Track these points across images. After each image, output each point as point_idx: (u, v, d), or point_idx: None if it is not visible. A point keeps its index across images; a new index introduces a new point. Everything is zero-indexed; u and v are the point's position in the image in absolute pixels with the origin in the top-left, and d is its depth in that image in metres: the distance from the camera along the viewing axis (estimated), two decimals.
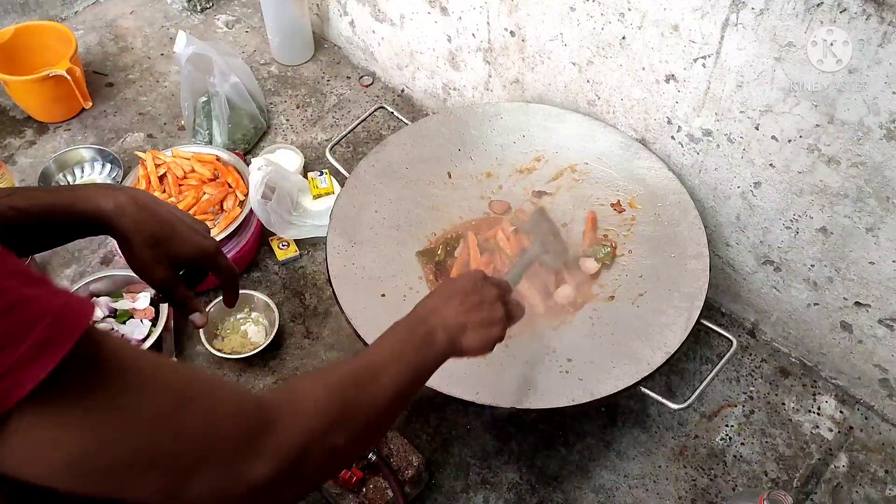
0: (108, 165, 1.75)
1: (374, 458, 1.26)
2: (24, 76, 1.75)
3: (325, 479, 0.72)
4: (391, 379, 0.79)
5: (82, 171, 1.76)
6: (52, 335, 0.50)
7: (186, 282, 1.01)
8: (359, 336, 1.24)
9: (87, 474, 0.55)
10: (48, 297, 0.52)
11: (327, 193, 1.66)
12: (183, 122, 1.86)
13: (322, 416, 0.69)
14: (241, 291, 1.49)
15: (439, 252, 1.41)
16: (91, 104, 1.87)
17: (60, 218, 0.89)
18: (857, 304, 1.35)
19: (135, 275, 1.00)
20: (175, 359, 1.41)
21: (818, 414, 1.45)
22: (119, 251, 1.26)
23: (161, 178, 1.59)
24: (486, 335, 0.93)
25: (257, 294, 1.51)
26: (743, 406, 1.46)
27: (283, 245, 1.63)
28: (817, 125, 1.18)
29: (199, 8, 2.17)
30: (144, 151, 1.65)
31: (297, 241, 1.64)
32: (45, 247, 0.95)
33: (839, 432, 1.43)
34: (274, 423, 0.64)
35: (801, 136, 1.22)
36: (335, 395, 0.72)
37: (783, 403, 1.46)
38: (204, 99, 1.77)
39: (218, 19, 2.15)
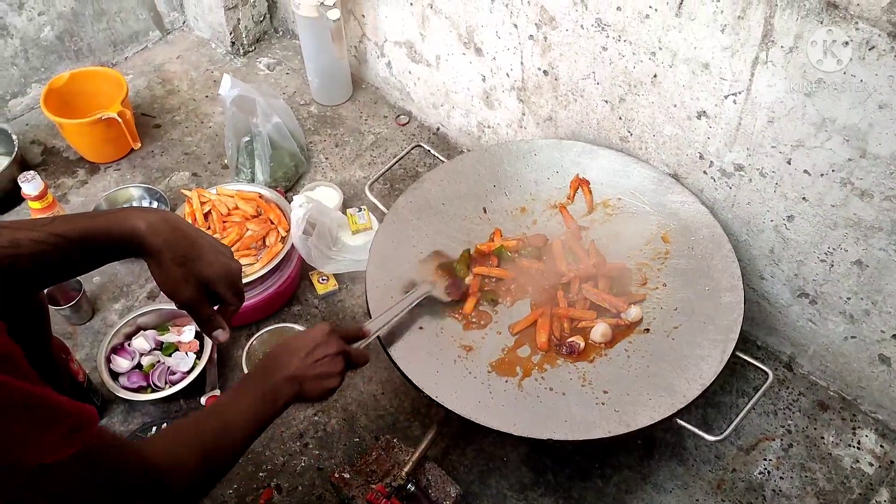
0: (156, 203, 1.82)
1: (412, 488, 1.28)
2: (78, 119, 1.84)
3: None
4: (243, 432, 0.98)
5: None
6: (76, 426, 0.71)
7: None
8: (397, 367, 1.27)
9: None
10: (60, 398, 0.71)
11: (365, 229, 1.71)
12: (226, 161, 1.92)
13: (194, 474, 0.90)
14: (282, 325, 1.55)
15: (458, 266, 1.45)
16: (140, 145, 1.94)
17: (98, 241, 0.95)
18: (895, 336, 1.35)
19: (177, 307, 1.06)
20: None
21: (858, 448, 1.44)
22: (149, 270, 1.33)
23: (206, 215, 1.65)
24: (322, 386, 1.08)
25: (298, 327, 1.55)
26: (781, 440, 1.45)
27: (322, 279, 1.67)
28: (849, 159, 1.20)
29: (241, 51, 2.25)
30: (190, 190, 1.71)
31: (337, 276, 1.68)
32: (82, 270, 1.02)
33: (880, 467, 1.41)
34: (162, 482, 0.86)
35: (833, 170, 1.23)
36: (204, 457, 0.91)
37: (822, 437, 1.46)
38: (247, 139, 1.84)
39: (260, 62, 2.23)
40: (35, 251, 0.91)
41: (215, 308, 1.09)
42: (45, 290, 1.26)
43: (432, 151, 1.71)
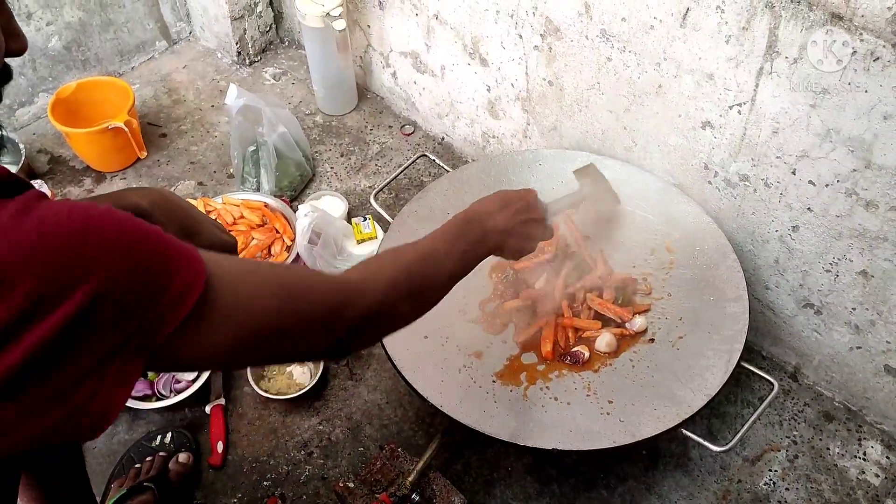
0: None
1: (417, 498, 1.28)
2: (85, 128, 1.85)
3: (393, 331, 0.92)
4: (449, 266, 0.95)
5: None
6: (186, 285, 0.64)
7: None
8: (402, 376, 1.27)
9: (238, 358, 0.76)
10: (178, 253, 0.66)
11: (370, 238, 1.71)
12: (232, 171, 1.93)
13: (394, 289, 0.86)
14: None
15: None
16: (146, 154, 1.95)
17: None
18: None
19: None
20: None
21: (864, 459, 1.44)
22: None
23: None
24: (523, 246, 1.09)
25: None
26: (787, 450, 1.45)
27: None
28: (854, 170, 1.20)
29: (247, 61, 2.26)
30: (195, 198, 1.72)
31: None
32: None
33: (886, 478, 1.41)
34: (355, 296, 0.82)
35: (838, 181, 1.23)
36: (404, 275, 0.89)
37: (828, 448, 1.45)
38: (252, 148, 1.84)
39: (266, 72, 2.24)
40: None
41: None
42: None
43: (437, 161, 1.71)
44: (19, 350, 0.55)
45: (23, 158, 1.85)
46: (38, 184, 1.65)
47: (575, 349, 1.35)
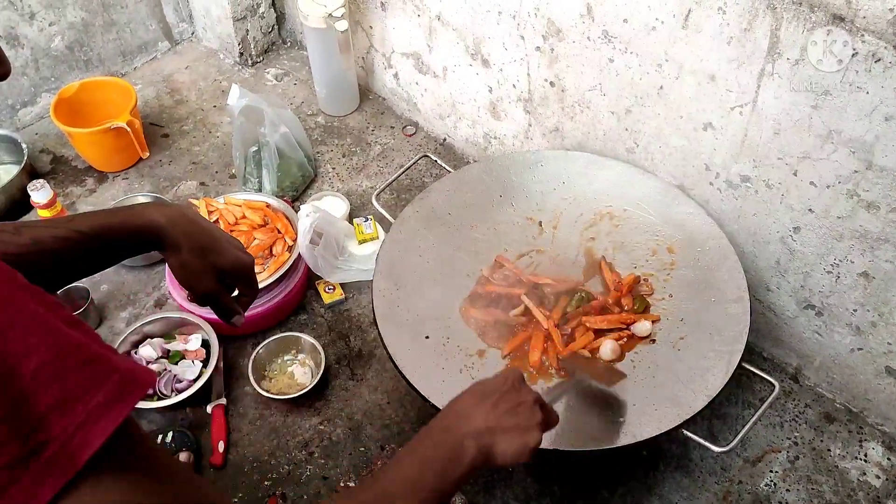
0: None
1: None
2: (87, 128, 1.85)
3: None
4: (414, 500, 0.77)
5: None
6: (120, 393, 0.54)
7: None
8: (403, 376, 1.27)
9: None
10: (117, 358, 0.57)
11: (372, 239, 1.71)
12: (234, 171, 1.93)
13: None
14: (288, 334, 1.56)
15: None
16: (148, 154, 1.96)
17: (118, 235, 0.97)
18: None
19: (186, 316, 1.05)
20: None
21: (865, 461, 1.44)
22: (167, 264, 1.34)
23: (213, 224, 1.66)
24: (522, 443, 0.86)
25: (304, 336, 1.56)
26: (787, 452, 1.45)
27: (329, 289, 1.68)
28: (856, 171, 1.20)
29: (250, 62, 2.27)
30: (197, 199, 1.73)
31: (343, 285, 1.69)
32: (101, 266, 1.03)
33: (887, 479, 1.41)
34: None
35: (839, 182, 1.24)
36: None
37: (829, 450, 1.45)
38: (254, 148, 1.85)
39: (268, 73, 2.25)
40: (57, 248, 0.92)
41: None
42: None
43: (439, 162, 1.71)
44: None
45: (25, 158, 1.85)
46: (40, 183, 1.65)
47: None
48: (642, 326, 1.37)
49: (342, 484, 1.31)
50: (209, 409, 1.49)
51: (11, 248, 0.89)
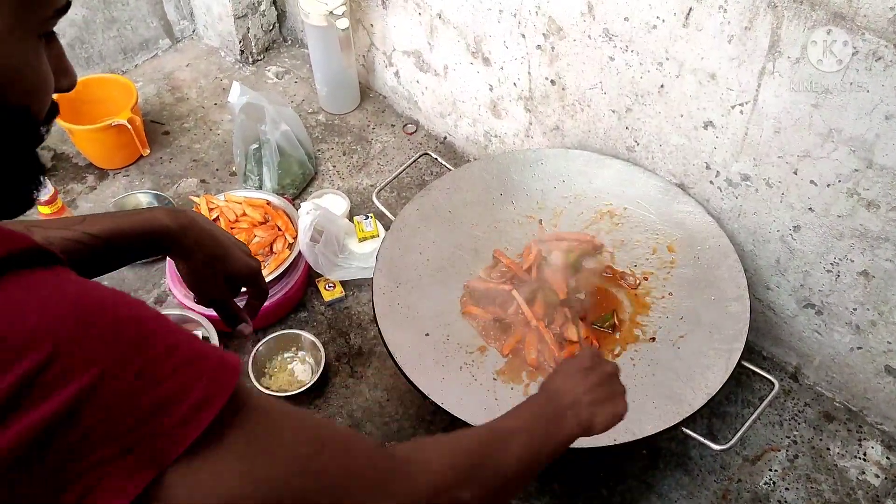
0: None
1: None
2: (88, 126, 1.85)
3: None
4: (518, 448, 0.81)
5: None
6: (208, 395, 0.55)
7: None
8: (403, 374, 1.27)
9: None
10: (205, 353, 0.57)
11: (372, 236, 1.71)
12: (234, 169, 1.93)
13: (449, 471, 0.72)
14: (288, 331, 1.56)
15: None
16: (149, 151, 1.96)
17: (129, 239, 0.97)
18: None
19: (186, 313, 1.04)
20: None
21: (864, 460, 1.44)
22: (176, 269, 1.33)
23: (214, 221, 1.65)
24: (613, 410, 0.94)
25: (304, 334, 1.56)
26: (787, 450, 1.45)
27: (329, 286, 1.68)
28: (856, 170, 1.20)
29: (250, 60, 2.27)
30: (198, 196, 1.73)
31: (343, 283, 1.69)
32: (110, 269, 1.03)
33: (886, 479, 1.41)
34: (404, 472, 0.68)
35: (839, 181, 1.24)
36: (464, 454, 0.75)
37: (828, 448, 1.45)
38: (255, 146, 1.85)
39: (268, 70, 2.25)
40: (67, 250, 0.92)
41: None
42: None
43: (439, 160, 1.71)
44: (14, 429, 0.48)
45: None
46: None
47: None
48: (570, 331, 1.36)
49: None
50: None
51: None
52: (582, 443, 1.19)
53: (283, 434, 0.61)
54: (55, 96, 0.65)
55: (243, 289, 1.14)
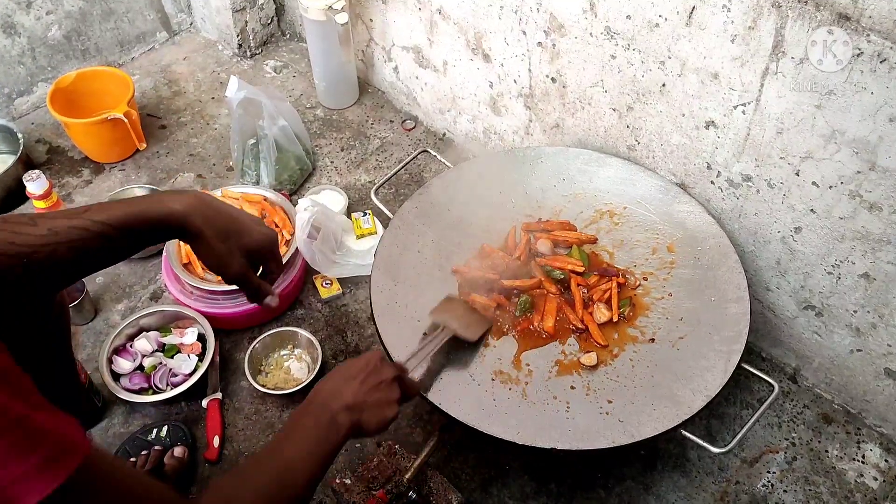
0: None
1: (414, 495, 1.27)
2: (84, 119, 1.84)
3: None
4: (306, 472, 0.91)
5: None
6: (56, 454, 0.58)
7: None
8: None
9: None
10: (53, 419, 0.60)
11: (370, 233, 1.70)
12: (231, 163, 1.92)
13: None
14: (285, 328, 1.55)
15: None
16: (145, 145, 1.94)
17: (137, 226, 0.95)
18: None
19: (182, 310, 1.02)
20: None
21: (862, 462, 1.43)
22: (171, 264, 1.30)
23: None
24: (382, 416, 1.01)
25: (301, 331, 1.55)
26: (785, 452, 1.44)
27: (326, 283, 1.67)
28: (858, 172, 1.19)
29: (248, 54, 2.25)
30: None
31: (340, 280, 1.68)
32: (119, 257, 1.01)
33: (884, 481, 1.40)
34: None
35: (842, 183, 1.23)
36: (263, 499, 0.84)
37: (826, 451, 1.45)
38: (252, 141, 1.83)
39: (266, 65, 2.23)
40: (74, 238, 0.90)
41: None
42: None
43: (438, 157, 1.70)
44: None
45: (20, 148, 1.84)
46: (36, 174, 1.63)
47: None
48: (588, 357, 1.34)
49: (337, 481, 1.30)
50: (205, 403, 1.48)
51: (29, 238, 0.88)
52: (580, 445, 1.19)
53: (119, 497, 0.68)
54: None
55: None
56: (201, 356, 1.51)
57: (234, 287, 1.09)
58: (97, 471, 0.63)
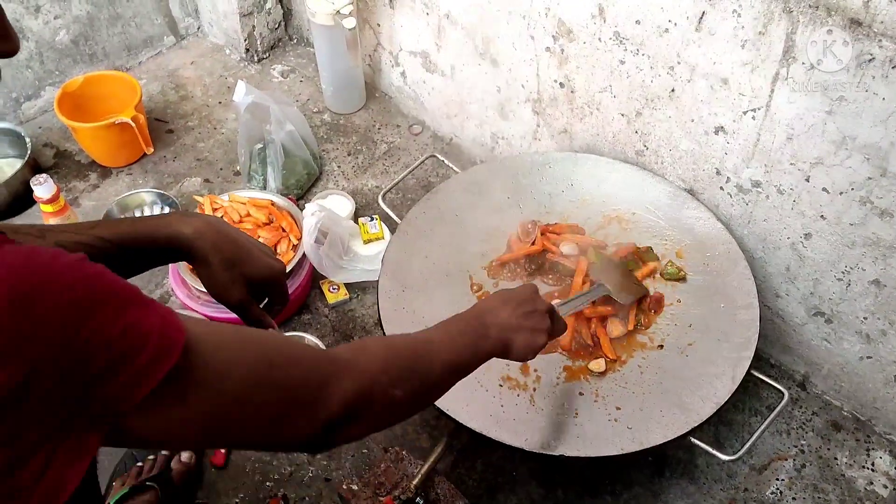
0: (167, 209, 1.81)
1: (421, 502, 1.27)
2: (92, 123, 1.84)
3: (388, 424, 0.85)
4: (445, 356, 0.89)
5: (142, 214, 1.82)
6: (157, 355, 0.58)
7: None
8: None
9: (211, 436, 0.68)
10: (152, 312, 0.59)
11: (377, 238, 1.70)
12: (238, 168, 1.92)
13: (384, 371, 0.79)
14: (292, 333, 1.54)
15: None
16: (152, 150, 1.94)
17: (143, 245, 0.94)
18: None
19: (190, 313, 1.01)
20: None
21: (872, 470, 1.42)
22: (179, 271, 1.29)
23: None
24: (532, 340, 1.00)
25: (308, 336, 1.54)
26: (794, 459, 1.43)
27: (333, 288, 1.66)
28: (869, 178, 1.19)
29: (256, 58, 2.26)
30: (202, 196, 1.71)
31: (347, 285, 1.67)
32: (127, 275, 0.99)
33: (894, 489, 1.40)
34: (343, 372, 0.75)
35: (852, 189, 1.22)
36: (397, 356, 0.83)
37: (836, 458, 1.44)
38: (260, 146, 1.83)
39: (274, 69, 2.23)
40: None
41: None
42: None
43: (446, 162, 1.70)
44: None
45: (28, 152, 1.84)
46: (43, 178, 1.63)
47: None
48: (596, 363, 1.34)
49: (344, 486, 1.30)
50: None
51: None
52: (588, 452, 1.19)
53: (232, 361, 0.67)
54: None
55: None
56: None
57: None
58: (199, 345, 0.63)
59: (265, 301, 1.09)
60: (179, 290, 1.58)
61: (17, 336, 0.51)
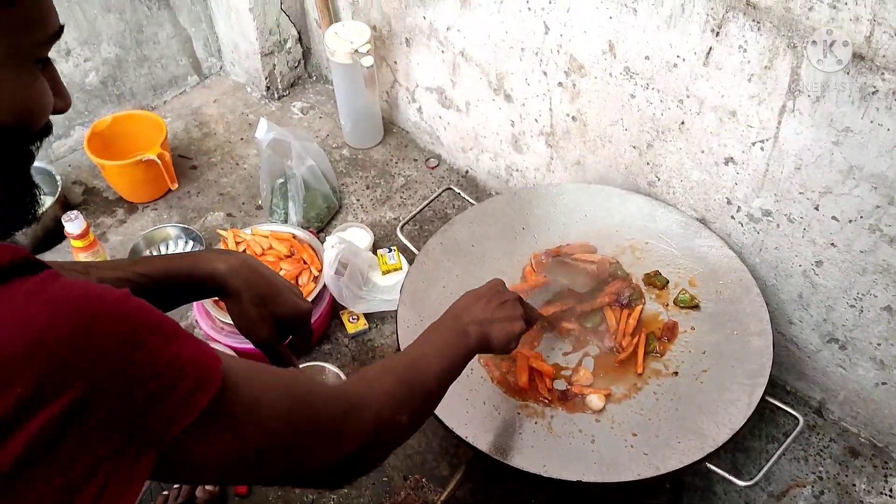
0: (192, 242, 1.86)
1: None
2: (119, 161, 1.90)
3: (394, 448, 0.90)
4: (437, 368, 0.94)
5: (167, 248, 1.87)
6: (197, 386, 0.62)
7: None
8: None
9: (240, 469, 0.71)
10: (191, 346, 0.63)
11: (395, 269, 1.74)
12: (261, 202, 1.97)
13: (391, 401, 0.84)
14: (313, 363, 1.57)
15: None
16: (177, 186, 2.00)
17: (180, 281, 0.99)
18: None
19: (214, 345, 1.03)
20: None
21: (890, 496, 1.42)
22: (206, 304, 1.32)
23: None
24: (509, 329, 1.07)
25: (328, 366, 1.57)
26: (812, 486, 1.44)
27: (353, 318, 1.70)
28: (878, 206, 1.21)
29: (276, 96, 2.32)
30: (225, 230, 1.76)
31: (367, 315, 1.71)
32: (164, 310, 1.03)
33: None
34: (357, 407, 0.80)
35: (861, 217, 1.24)
36: (398, 382, 0.87)
37: (854, 485, 1.44)
38: (281, 180, 1.89)
39: (294, 106, 2.30)
40: None
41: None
42: None
43: (462, 194, 1.74)
44: (19, 443, 0.52)
45: (59, 190, 1.90)
46: (74, 214, 1.69)
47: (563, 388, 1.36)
48: (593, 400, 1.34)
49: None
50: None
51: None
52: (606, 477, 1.20)
53: (264, 395, 0.71)
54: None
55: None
56: None
57: None
58: (232, 381, 0.66)
59: (289, 339, 1.12)
60: (203, 321, 1.62)
61: (79, 359, 0.55)
